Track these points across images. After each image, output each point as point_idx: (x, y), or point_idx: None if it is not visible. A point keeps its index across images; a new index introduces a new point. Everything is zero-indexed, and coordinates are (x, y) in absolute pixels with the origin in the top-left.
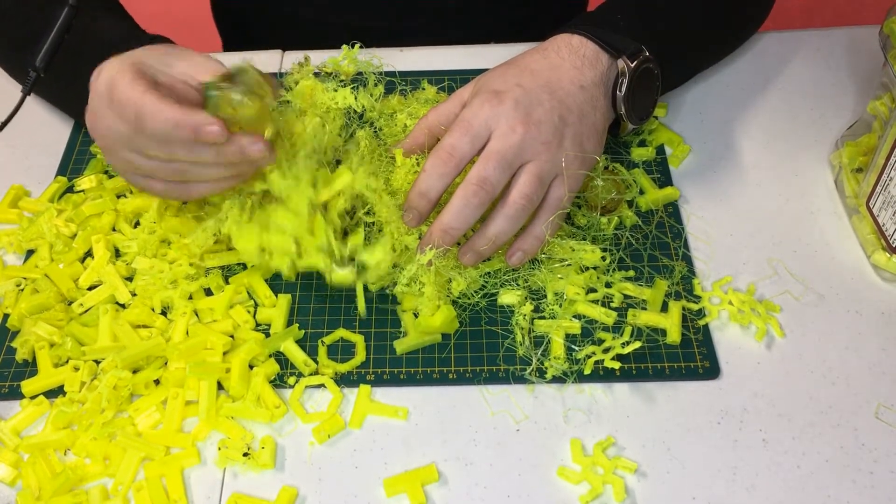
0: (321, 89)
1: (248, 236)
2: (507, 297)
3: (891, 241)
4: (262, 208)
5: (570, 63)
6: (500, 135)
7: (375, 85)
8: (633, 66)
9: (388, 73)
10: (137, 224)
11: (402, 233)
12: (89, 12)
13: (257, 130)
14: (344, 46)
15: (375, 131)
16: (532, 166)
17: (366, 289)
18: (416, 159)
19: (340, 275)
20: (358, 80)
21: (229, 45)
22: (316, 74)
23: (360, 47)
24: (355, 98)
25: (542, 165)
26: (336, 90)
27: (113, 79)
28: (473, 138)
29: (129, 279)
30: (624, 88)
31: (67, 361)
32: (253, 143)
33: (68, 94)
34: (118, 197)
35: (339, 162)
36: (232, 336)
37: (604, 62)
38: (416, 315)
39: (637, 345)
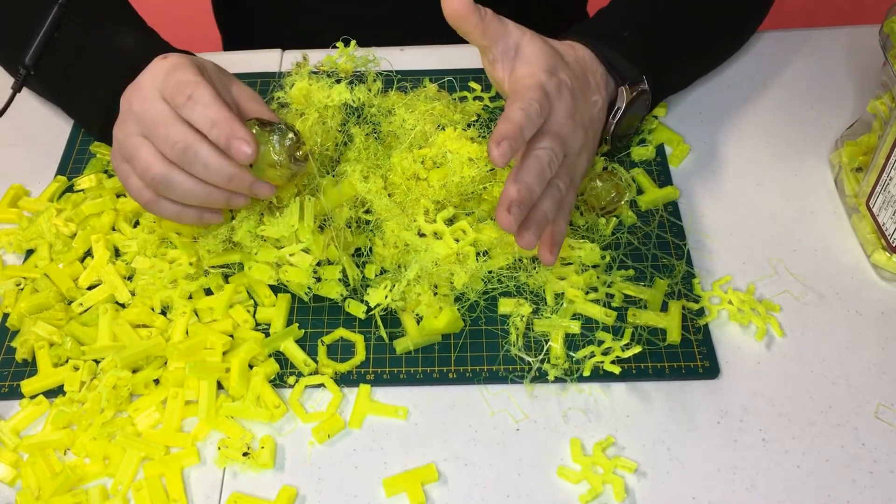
0: (317, 88)
1: (263, 269)
2: (507, 307)
3: (891, 241)
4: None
5: (592, 81)
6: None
7: (374, 80)
8: (631, 95)
9: (387, 72)
10: (137, 224)
11: (401, 229)
12: (110, 27)
13: (273, 182)
14: (339, 44)
15: (374, 128)
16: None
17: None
18: (413, 157)
19: (356, 305)
20: (357, 78)
21: (229, 45)
22: (314, 73)
23: (357, 45)
24: (351, 92)
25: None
26: (331, 87)
27: (181, 63)
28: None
29: (129, 279)
30: (619, 116)
31: (67, 361)
32: (266, 187)
33: (84, 107)
34: (118, 196)
35: (338, 160)
36: (231, 336)
37: (610, 86)
38: (417, 316)
39: (637, 349)
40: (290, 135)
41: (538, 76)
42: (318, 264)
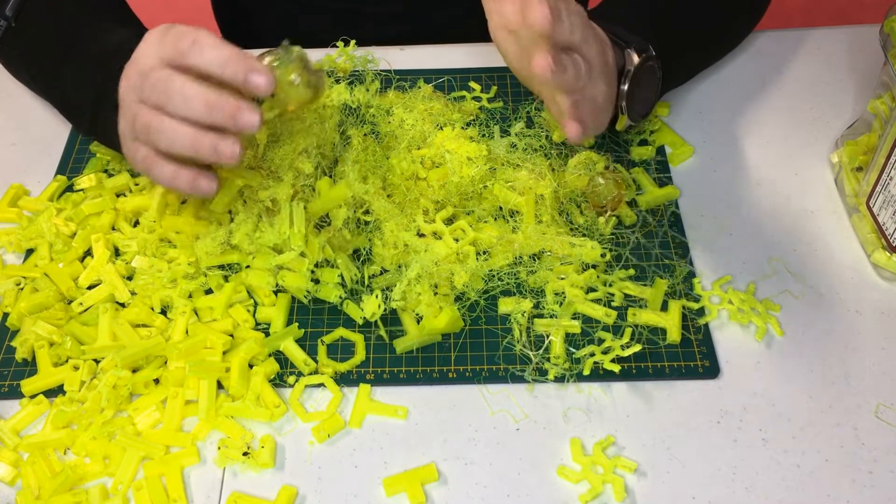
0: None
1: (261, 275)
2: (507, 306)
3: (891, 240)
4: (269, 217)
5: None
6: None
7: (372, 81)
8: (638, 60)
9: (386, 71)
10: (137, 223)
11: (400, 229)
12: (102, 23)
13: (297, 103)
14: (339, 43)
15: (372, 128)
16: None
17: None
18: (412, 157)
19: (354, 308)
20: (354, 78)
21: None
22: None
23: (357, 44)
24: (350, 93)
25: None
26: (331, 87)
27: (173, 24)
28: None
29: (129, 278)
30: (628, 81)
31: (67, 361)
32: (250, 115)
33: (74, 101)
34: (118, 196)
35: (336, 161)
36: (231, 335)
37: (617, 53)
38: (417, 315)
39: (637, 348)
40: (297, 48)
41: None
42: (317, 265)
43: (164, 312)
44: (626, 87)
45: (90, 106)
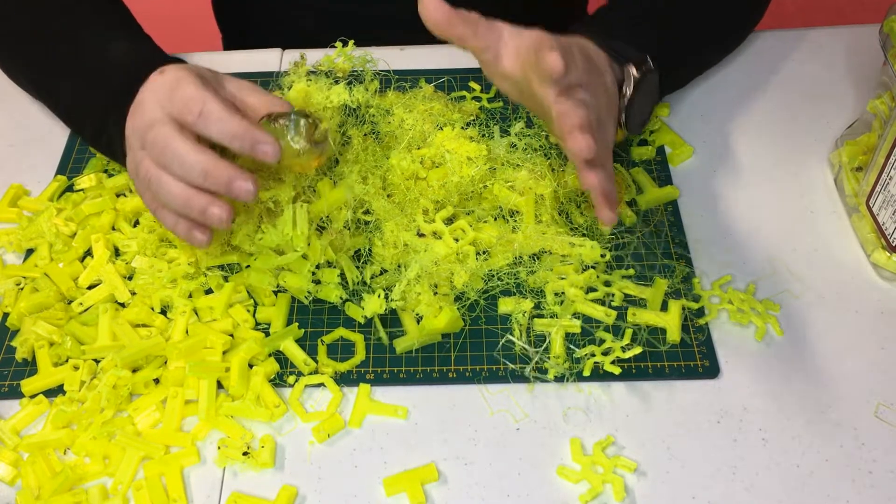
0: (315, 89)
1: (261, 275)
2: (507, 306)
3: (890, 240)
4: (270, 218)
5: (598, 61)
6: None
7: (371, 80)
8: (638, 75)
9: (385, 71)
10: (137, 223)
11: (400, 229)
12: (104, 34)
13: (302, 170)
14: (338, 43)
15: (372, 128)
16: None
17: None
18: (412, 157)
19: (355, 309)
20: (354, 78)
21: (229, 44)
22: (312, 73)
23: (357, 45)
24: (350, 93)
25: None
26: (330, 88)
27: (180, 77)
28: None
29: (129, 278)
30: (628, 97)
31: (67, 360)
32: (245, 187)
33: (77, 115)
34: (118, 196)
35: (337, 161)
36: (231, 335)
37: (615, 69)
38: (417, 315)
39: (637, 350)
40: (303, 121)
41: (545, 37)
42: (318, 267)
43: (164, 312)
44: (625, 103)
45: (92, 122)
